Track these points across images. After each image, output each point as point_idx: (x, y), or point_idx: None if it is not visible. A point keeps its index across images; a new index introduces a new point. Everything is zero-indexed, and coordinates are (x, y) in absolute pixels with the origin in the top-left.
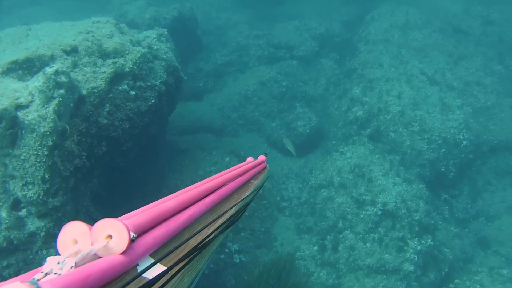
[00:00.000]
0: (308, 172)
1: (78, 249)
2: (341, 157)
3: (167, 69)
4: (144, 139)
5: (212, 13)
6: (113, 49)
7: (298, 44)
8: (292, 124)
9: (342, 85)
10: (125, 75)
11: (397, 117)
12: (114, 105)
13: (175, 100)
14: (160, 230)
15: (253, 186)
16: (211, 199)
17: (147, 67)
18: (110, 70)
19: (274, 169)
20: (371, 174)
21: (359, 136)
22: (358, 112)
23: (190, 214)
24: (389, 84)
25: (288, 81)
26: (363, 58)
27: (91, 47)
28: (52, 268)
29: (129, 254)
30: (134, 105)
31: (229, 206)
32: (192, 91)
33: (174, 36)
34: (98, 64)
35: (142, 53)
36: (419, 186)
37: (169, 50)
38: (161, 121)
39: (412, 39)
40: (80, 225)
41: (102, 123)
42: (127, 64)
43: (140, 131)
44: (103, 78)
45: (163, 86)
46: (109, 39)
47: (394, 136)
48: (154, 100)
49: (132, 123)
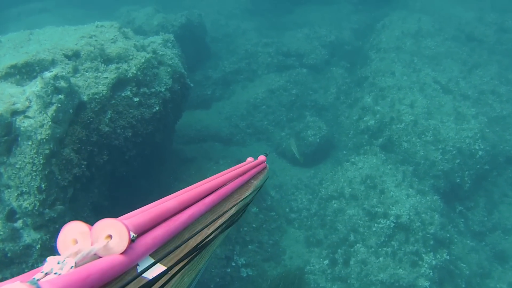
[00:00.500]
0: (318, 182)
1: (78, 249)
2: (352, 167)
3: (173, 76)
4: (148, 147)
5: (221, 20)
6: (117, 54)
7: (308, 52)
8: (301, 133)
9: (353, 93)
10: (129, 81)
11: (410, 126)
12: (116, 112)
13: (181, 107)
14: (160, 230)
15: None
16: (211, 199)
17: (151, 73)
18: (113, 75)
19: (283, 179)
20: (383, 185)
21: (371, 146)
22: (369, 121)
23: (190, 214)
24: (401, 92)
25: (298, 89)
26: (374, 66)
27: (94, 52)
28: (52, 268)
29: (129, 254)
30: (138, 112)
31: (229, 206)
32: (200, 99)
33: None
34: (101, 69)
35: (147, 58)
36: (433, 198)
37: (175, 56)
38: (166, 129)
39: (424, 47)
40: (80, 225)
41: (104, 131)
42: (130, 69)
43: (143, 140)
44: (105, 83)
45: (168, 93)
46: (113, 44)
47: (407, 146)
48: (158, 107)
49: (135, 131)
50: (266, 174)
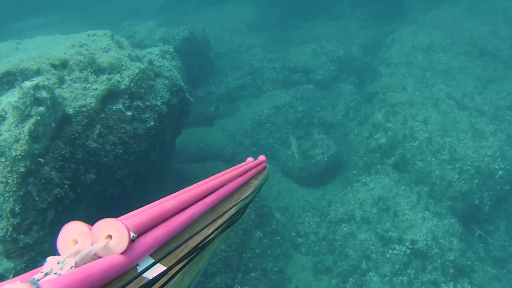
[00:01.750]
0: (327, 204)
1: (78, 249)
2: (363, 188)
3: (171, 89)
4: (143, 166)
5: (225, 36)
6: (108, 64)
7: (315, 68)
8: (309, 152)
9: (362, 110)
10: (121, 93)
11: (425, 144)
12: (106, 127)
13: (180, 123)
14: (160, 230)
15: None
16: (211, 199)
17: (146, 85)
18: (103, 87)
19: (289, 201)
20: (397, 208)
21: (383, 165)
22: (381, 139)
23: (190, 214)
24: (414, 108)
25: (305, 106)
26: (385, 82)
27: (83, 61)
28: (52, 268)
29: (129, 254)
30: (130, 127)
31: (229, 206)
32: (203, 116)
33: (184, 57)
34: (90, 80)
35: (141, 69)
36: (451, 221)
37: (173, 68)
38: (163, 146)
39: (436, 61)
40: (80, 225)
41: (91, 147)
42: (123, 81)
43: (137, 157)
44: (94, 95)
45: (164, 107)
46: (105, 53)
47: (422, 165)
48: (153, 122)
49: (127, 147)
50: (266, 174)
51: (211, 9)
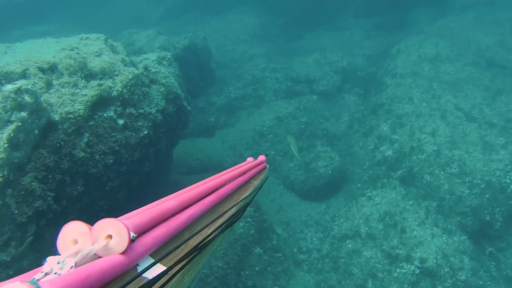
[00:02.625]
0: (330, 219)
1: (78, 249)
2: (368, 202)
3: (167, 96)
4: (136, 177)
5: (227, 45)
6: (100, 69)
7: (319, 78)
8: (312, 164)
9: (367, 121)
10: (113, 99)
11: (433, 157)
12: (95, 135)
13: (177, 133)
14: (160, 230)
15: (253, 186)
16: (211, 199)
17: (140, 92)
18: (94, 92)
19: (291, 215)
20: (404, 224)
21: (389, 179)
22: (387, 152)
23: (190, 214)
24: (421, 120)
25: (308, 117)
26: (390, 93)
27: (74, 66)
28: (52, 268)
29: (129, 254)
30: (122, 136)
31: (229, 206)
32: (203, 127)
33: (184, 66)
34: (80, 85)
35: (135, 74)
36: (461, 238)
37: (170, 75)
38: (158, 157)
39: (443, 72)
40: (80, 225)
41: (78, 156)
42: (115, 86)
43: (129, 168)
44: (83, 101)
45: (159, 115)
46: (97, 58)
47: (430, 179)
48: (147, 131)
49: (118, 157)
50: (266, 174)
51: (213, 19)
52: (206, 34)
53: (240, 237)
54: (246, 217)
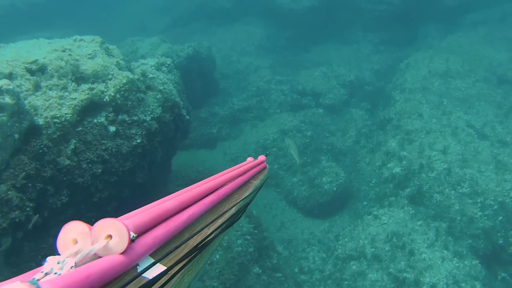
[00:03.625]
0: (334, 238)
1: (78, 249)
2: (374, 222)
3: (164, 104)
4: (127, 189)
5: (233, 56)
6: (93, 72)
7: (325, 91)
8: (316, 180)
9: (375, 137)
10: (104, 105)
11: (443, 175)
12: (83, 142)
13: (175, 143)
14: (160, 230)
15: (253, 186)
16: (211, 199)
17: (135, 98)
18: (84, 97)
19: (293, 232)
20: (412, 245)
21: (397, 197)
22: (395, 169)
23: (190, 214)
24: (431, 136)
25: (313, 131)
26: (399, 107)
27: (65, 68)
28: (52, 267)
29: (129, 254)
30: (112, 144)
31: (229, 206)
32: (205, 138)
33: (187, 76)
34: (69, 88)
35: (130, 79)
36: (472, 262)
37: (169, 82)
38: (153, 168)
39: (454, 88)
40: (80, 225)
41: (63, 164)
42: (108, 91)
43: (119, 179)
44: (71, 106)
45: (155, 123)
46: (90, 60)
47: (440, 199)
48: (140, 140)
49: (108, 167)
50: (266, 174)
51: (219, 29)
52: (211, 44)
53: (237, 255)
54: (245, 235)
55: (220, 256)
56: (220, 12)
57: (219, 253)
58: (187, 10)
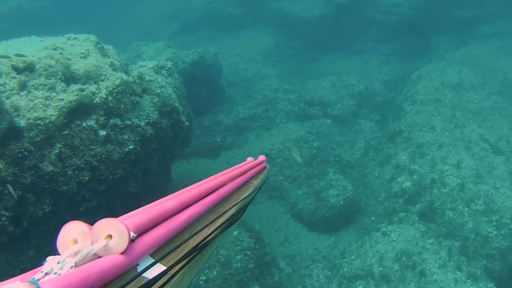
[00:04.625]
0: (340, 255)
1: (78, 249)
2: (383, 239)
3: (161, 108)
4: (119, 199)
5: (240, 64)
6: (84, 72)
7: (334, 102)
8: (322, 193)
9: (384, 149)
10: (95, 107)
11: (456, 191)
12: (69, 147)
13: (173, 151)
14: (160, 230)
15: (253, 186)
16: (211, 199)
17: (129, 101)
18: (72, 98)
19: (297, 248)
20: (423, 265)
21: (407, 213)
22: (405, 183)
23: (190, 214)
24: (443, 150)
25: (320, 142)
26: (410, 120)
27: (54, 67)
28: (52, 267)
29: (129, 254)
30: (102, 150)
31: (229, 206)
32: (208, 147)
33: (191, 82)
34: (58, 88)
35: (123, 80)
36: (487, 285)
37: (168, 86)
38: (149, 176)
39: (467, 100)
40: (80, 225)
41: (45, 170)
42: (99, 92)
43: (109, 187)
44: (58, 107)
45: (150, 128)
46: (82, 60)
47: (453, 216)
48: (133, 146)
49: (97, 174)
50: (266, 173)
51: (227, 36)
52: (218, 51)
53: (236, 272)
54: (245, 250)
55: (218, 273)
56: (228, 19)
57: (216, 269)
58: (195, 16)
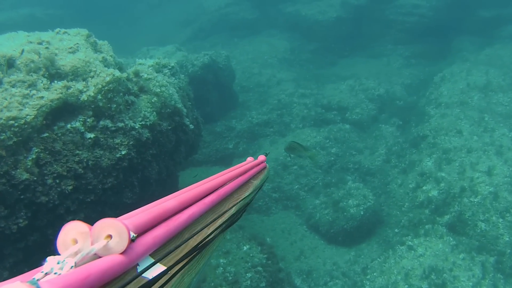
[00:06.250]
0: (361, 271)
1: (78, 249)
2: (409, 253)
3: (161, 110)
4: (112, 211)
5: (254, 69)
6: (72, 68)
7: (352, 106)
8: (341, 202)
9: (407, 155)
10: (82, 107)
11: (489, 200)
12: (49, 152)
13: (177, 158)
14: (160, 230)
15: (253, 186)
16: (211, 199)
17: (122, 101)
18: (55, 96)
19: (313, 263)
20: (455, 284)
21: (434, 225)
22: (431, 192)
23: (190, 214)
24: (473, 156)
25: (339, 148)
26: (435, 124)
27: (37, 62)
28: (52, 267)
29: (129, 254)
30: (89, 156)
31: (229, 206)
32: (220, 154)
33: (202, 86)
34: (39, 85)
35: (116, 78)
36: None
37: (169, 85)
38: (147, 186)
39: (496, 103)
40: (80, 225)
41: (19, 179)
42: (87, 90)
43: (99, 198)
44: (37, 106)
45: (146, 132)
46: (70, 55)
47: (485, 228)
48: (126, 151)
49: (83, 184)
50: (266, 173)
51: (242, 42)
52: (232, 56)
53: None
54: (256, 266)
55: None
56: (242, 24)
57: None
58: (209, 22)
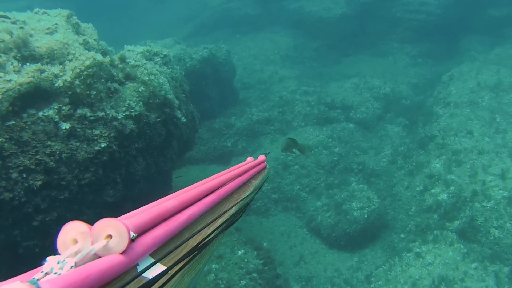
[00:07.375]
0: (364, 279)
1: (78, 249)
2: (416, 261)
3: (148, 100)
4: (89, 209)
5: (256, 65)
6: (48, 50)
7: (357, 104)
8: (344, 205)
9: (414, 157)
10: (57, 93)
11: (503, 205)
12: (15, 142)
13: (167, 154)
14: (160, 230)
15: (253, 186)
16: (211, 199)
17: (104, 88)
18: (25, 79)
19: (314, 269)
20: None
21: (443, 231)
22: (440, 195)
23: (190, 214)
24: (484, 158)
25: (342, 148)
26: (443, 124)
27: (7, 42)
28: (52, 267)
29: (129, 254)
30: (63, 148)
31: (229, 206)
32: (218, 152)
33: (201, 81)
34: (8, 68)
35: (97, 62)
36: None
37: (160, 74)
38: (133, 183)
39: (508, 103)
40: (80, 225)
41: None
42: (64, 75)
43: (74, 196)
44: (2, 90)
45: (131, 123)
46: (47, 36)
47: (499, 235)
48: (106, 144)
49: (55, 179)
50: (266, 173)
51: (244, 38)
52: (234, 53)
53: None
54: (251, 273)
55: None
56: (244, 20)
57: None
58: (211, 17)
